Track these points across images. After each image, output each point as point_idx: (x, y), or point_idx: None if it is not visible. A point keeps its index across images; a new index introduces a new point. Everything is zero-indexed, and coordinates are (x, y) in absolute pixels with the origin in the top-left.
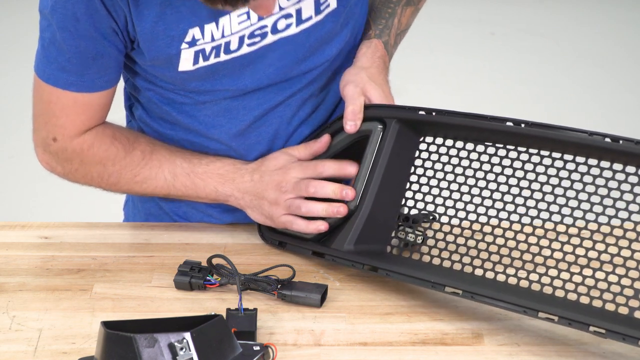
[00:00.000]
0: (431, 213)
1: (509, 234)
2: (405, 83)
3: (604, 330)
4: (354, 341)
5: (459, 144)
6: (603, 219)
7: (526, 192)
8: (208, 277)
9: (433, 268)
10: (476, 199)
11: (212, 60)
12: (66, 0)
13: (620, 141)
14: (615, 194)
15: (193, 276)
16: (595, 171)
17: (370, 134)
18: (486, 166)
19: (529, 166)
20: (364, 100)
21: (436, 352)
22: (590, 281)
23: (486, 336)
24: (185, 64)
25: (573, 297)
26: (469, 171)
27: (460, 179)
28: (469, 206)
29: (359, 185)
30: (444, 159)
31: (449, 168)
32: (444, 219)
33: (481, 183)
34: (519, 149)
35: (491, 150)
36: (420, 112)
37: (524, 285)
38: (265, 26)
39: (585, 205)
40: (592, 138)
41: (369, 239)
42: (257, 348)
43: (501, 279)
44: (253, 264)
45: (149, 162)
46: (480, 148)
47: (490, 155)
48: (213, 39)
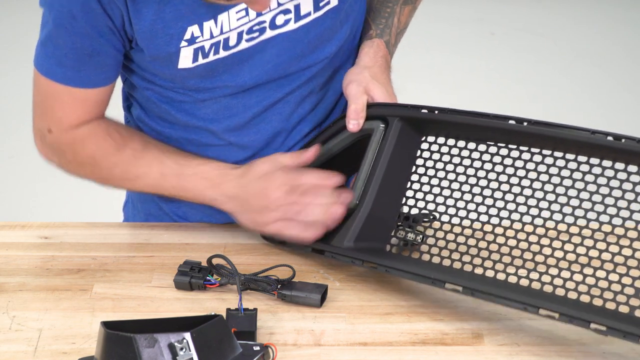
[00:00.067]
0: (431, 212)
1: (509, 232)
2: (404, 82)
3: (604, 328)
4: (354, 341)
5: (460, 144)
6: (604, 218)
7: (527, 191)
8: (208, 277)
9: (433, 266)
10: (477, 198)
11: (212, 57)
12: None
13: (623, 140)
14: (617, 193)
15: (193, 276)
16: (597, 170)
17: (373, 133)
18: (487, 165)
19: (530, 165)
20: (367, 99)
21: (436, 352)
22: (590, 280)
23: (486, 336)
24: (185, 62)
25: (573, 296)
26: (470, 170)
27: (461, 178)
28: (470, 205)
29: (360, 183)
30: (446, 158)
31: (450, 167)
32: (445, 218)
33: (482, 182)
34: (521, 148)
35: (492, 150)
36: (423, 111)
37: (524, 284)
38: (263, 22)
39: (586, 204)
40: (594, 136)
41: (369, 237)
42: (257, 348)
43: (501, 277)
44: (253, 264)
45: (139, 160)
46: (481, 147)
47: (492, 155)
48: (212, 36)
